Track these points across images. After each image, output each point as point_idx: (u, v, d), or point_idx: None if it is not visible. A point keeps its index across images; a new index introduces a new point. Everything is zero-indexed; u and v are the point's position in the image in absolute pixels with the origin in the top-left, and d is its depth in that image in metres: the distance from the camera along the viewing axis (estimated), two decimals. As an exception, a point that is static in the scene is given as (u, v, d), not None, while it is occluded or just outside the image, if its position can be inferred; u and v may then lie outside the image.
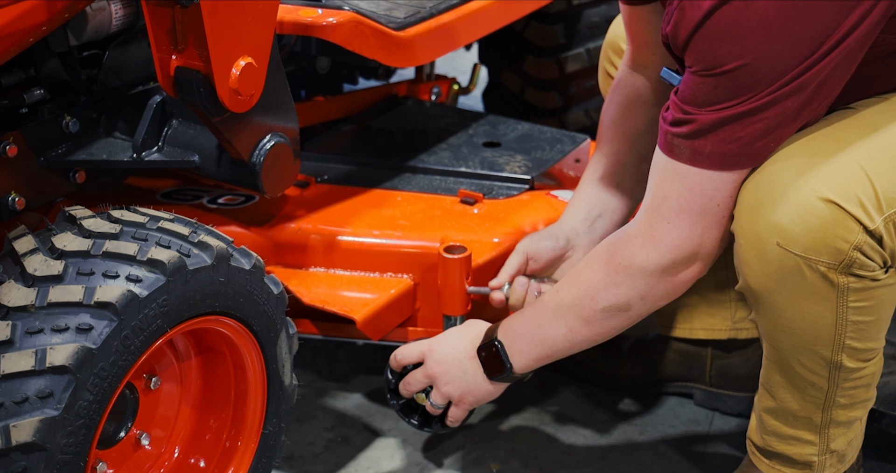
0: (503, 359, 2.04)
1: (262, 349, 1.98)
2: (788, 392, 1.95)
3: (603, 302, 1.93)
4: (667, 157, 1.83)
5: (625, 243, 1.90)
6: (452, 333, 2.14)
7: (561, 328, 1.98)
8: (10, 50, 1.87)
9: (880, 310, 1.84)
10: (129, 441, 1.96)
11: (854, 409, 1.96)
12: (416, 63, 2.62)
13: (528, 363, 2.04)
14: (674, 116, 1.80)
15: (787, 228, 1.77)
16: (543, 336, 2.01)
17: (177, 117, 2.15)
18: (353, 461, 2.35)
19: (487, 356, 2.06)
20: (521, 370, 2.06)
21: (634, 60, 2.19)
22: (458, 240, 2.28)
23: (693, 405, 2.52)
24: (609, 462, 2.37)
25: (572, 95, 3.08)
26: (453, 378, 2.09)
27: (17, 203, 2.05)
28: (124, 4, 2.07)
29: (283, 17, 2.30)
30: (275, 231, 2.33)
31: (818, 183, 1.76)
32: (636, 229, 1.89)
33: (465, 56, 3.84)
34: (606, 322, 1.95)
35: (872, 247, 1.76)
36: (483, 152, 2.60)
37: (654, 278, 1.88)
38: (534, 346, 2.02)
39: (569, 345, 2.00)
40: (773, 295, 1.84)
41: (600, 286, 1.92)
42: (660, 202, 1.85)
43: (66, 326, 1.67)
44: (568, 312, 1.97)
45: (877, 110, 1.86)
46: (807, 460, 2.00)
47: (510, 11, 2.74)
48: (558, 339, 2.00)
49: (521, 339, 2.03)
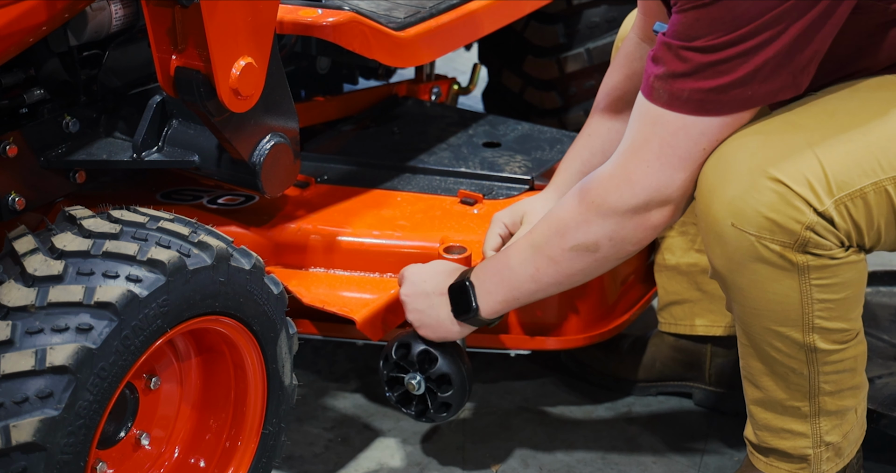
0: (470, 299, 2.05)
1: (262, 349, 1.98)
2: (771, 380, 1.96)
3: (572, 241, 1.93)
4: (648, 101, 1.85)
5: (599, 182, 1.90)
6: (432, 266, 2.15)
7: (528, 268, 1.98)
8: (10, 50, 1.87)
9: (847, 288, 1.86)
10: (129, 441, 1.96)
11: (842, 397, 1.97)
12: (416, 63, 2.63)
13: (494, 305, 2.04)
14: (655, 55, 1.83)
15: (739, 208, 1.80)
16: (511, 277, 2.01)
17: (177, 117, 2.15)
18: (353, 461, 2.35)
19: (456, 296, 2.07)
20: (487, 313, 2.06)
21: (644, 32, 2.21)
22: (458, 240, 2.28)
23: (693, 405, 2.52)
24: (609, 462, 2.37)
25: (572, 95, 3.08)
26: (418, 307, 2.11)
27: (17, 203, 2.05)
28: (124, 4, 2.07)
29: (283, 17, 2.30)
30: (275, 231, 2.33)
31: (770, 165, 1.79)
32: (611, 169, 1.89)
33: (465, 56, 3.84)
34: (573, 263, 1.94)
35: (825, 227, 1.79)
36: (483, 153, 2.60)
37: (625, 219, 1.88)
38: (501, 287, 2.02)
39: (535, 287, 2.00)
40: (737, 276, 1.86)
41: (571, 225, 1.93)
42: (639, 145, 1.86)
43: (66, 326, 1.67)
44: (536, 251, 1.97)
45: (837, 96, 1.89)
46: (802, 453, 2.01)
47: (510, 11, 2.74)
48: (525, 279, 1.99)
49: (490, 280, 2.04)
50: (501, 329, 2.37)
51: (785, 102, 1.88)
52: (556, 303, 2.36)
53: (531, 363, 2.63)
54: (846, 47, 1.87)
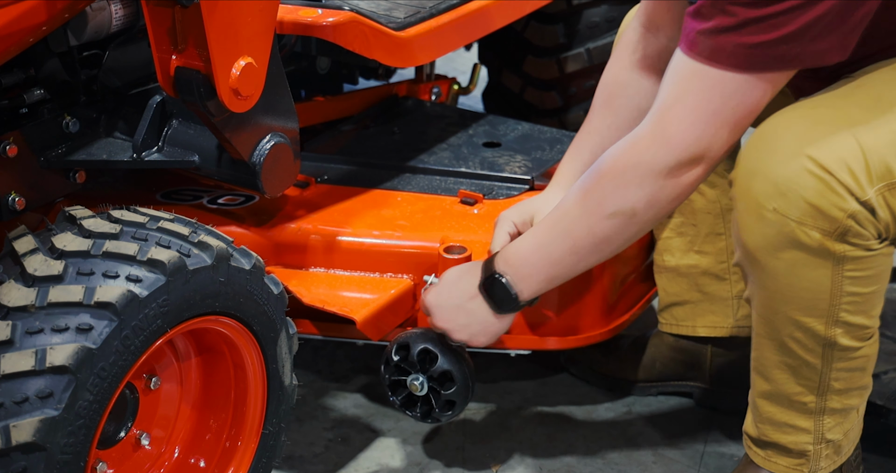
0: (508, 290, 2.03)
1: (262, 349, 1.98)
2: (782, 372, 1.95)
3: (609, 208, 1.91)
4: (687, 56, 1.82)
5: (631, 145, 1.89)
6: (446, 283, 2.12)
7: (566, 242, 1.96)
8: (10, 50, 1.87)
9: (875, 282, 1.87)
10: (129, 441, 1.96)
11: (850, 396, 1.97)
12: (416, 63, 2.63)
13: (534, 286, 2.02)
14: (698, 10, 1.79)
15: (782, 192, 1.79)
16: (549, 255, 1.98)
17: (177, 117, 2.15)
18: (353, 461, 2.35)
19: (491, 292, 2.05)
20: (528, 297, 2.04)
21: (650, 19, 2.16)
22: (458, 240, 2.28)
23: (693, 405, 2.52)
24: (609, 462, 2.37)
25: (572, 95, 3.08)
26: (461, 325, 2.09)
27: (17, 203, 2.05)
28: (124, 4, 2.07)
29: (283, 17, 2.30)
30: (275, 231, 2.33)
31: (814, 150, 1.77)
32: (644, 131, 1.88)
33: (465, 56, 3.84)
34: (611, 231, 1.93)
35: (866, 217, 1.79)
36: (483, 152, 2.60)
37: (661, 179, 1.86)
38: (539, 268, 2.00)
39: (575, 259, 1.97)
40: (770, 260, 1.85)
41: (606, 192, 1.91)
42: (673, 103, 1.84)
43: (66, 326, 1.67)
44: (572, 224, 1.95)
45: (884, 81, 1.88)
46: (802, 449, 2.01)
47: (510, 11, 2.74)
48: (564, 254, 1.97)
49: (525, 264, 2.01)
50: (501, 329, 2.38)
51: (828, 70, 1.85)
52: (557, 303, 2.36)
53: (531, 363, 2.63)
54: (891, 21, 1.85)
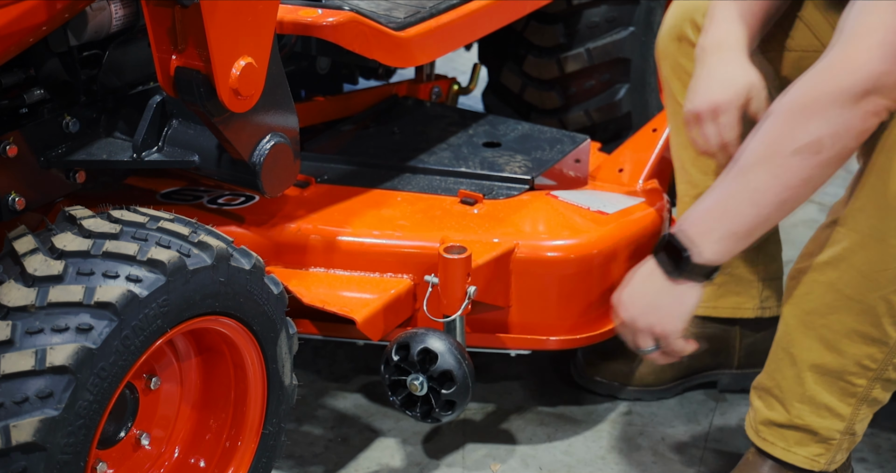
0: (679, 246, 1.92)
1: (262, 349, 1.98)
2: (852, 343, 1.96)
3: (795, 143, 1.85)
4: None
5: (814, 78, 1.86)
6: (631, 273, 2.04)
7: (745, 192, 1.88)
8: (10, 50, 1.87)
9: None
10: (129, 441, 1.96)
11: (889, 389, 2.00)
12: (416, 63, 2.63)
13: (715, 245, 1.90)
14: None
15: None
16: (727, 209, 1.90)
17: (177, 117, 2.15)
18: (353, 461, 2.35)
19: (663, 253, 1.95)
20: (709, 256, 1.91)
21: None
22: (458, 240, 2.28)
23: (693, 405, 2.52)
24: (609, 462, 2.37)
25: (572, 95, 3.08)
26: (642, 309, 1.99)
27: (17, 203, 2.05)
28: (124, 4, 2.07)
29: (283, 17, 2.30)
30: (275, 231, 2.33)
31: None
32: (827, 63, 1.86)
33: (465, 56, 3.85)
34: (796, 171, 1.86)
35: None
36: (483, 152, 2.60)
37: (848, 107, 1.83)
38: (716, 223, 1.90)
39: (755, 211, 1.88)
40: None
41: (791, 127, 1.86)
42: (858, 34, 1.83)
43: (66, 326, 1.67)
44: (753, 170, 1.88)
45: None
46: (829, 436, 2.03)
47: (510, 11, 2.74)
48: (744, 205, 1.89)
49: (701, 220, 1.92)
50: (501, 329, 2.38)
51: None
52: (557, 303, 2.36)
53: (531, 363, 2.63)
54: None
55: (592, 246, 2.36)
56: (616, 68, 3.03)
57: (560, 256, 2.34)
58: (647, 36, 3.04)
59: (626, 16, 2.98)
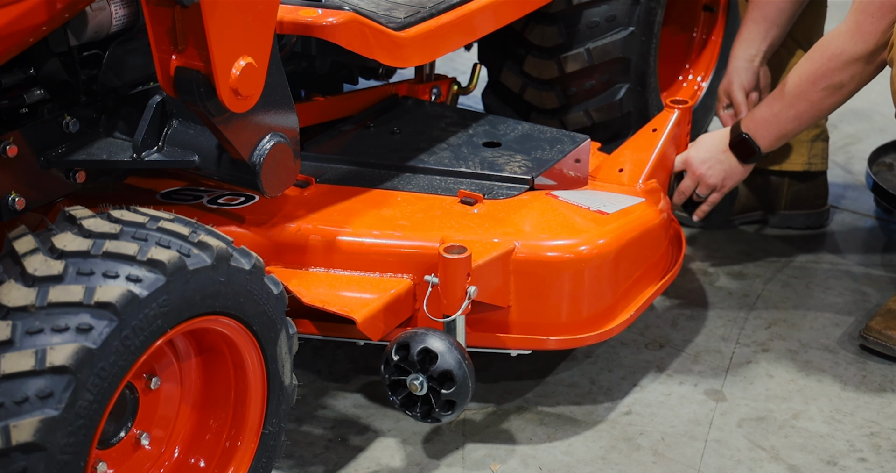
0: (752, 145, 2.76)
1: (262, 349, 1.98)
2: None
3: (822, 84, 2.61)
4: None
5: (836, 37, 2.56)
6: (702, 143, 2.81)
7: (791, 111, 2.68)
8: (10, 50, 1.87)
9: None
10: (129, 441, 1.96)
11: None
12: (416, 63, 2.62)
13: (767, 144, 2.75)
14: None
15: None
16: (778, 122, 2.72)
17: (177, 117, 2.16)
18: (353, 461, 2.35)
19: (739, 147, 2.78)
20: (766, 150, 2.77)
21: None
22: (458, 240, 2.28)
23: (693, 405, 2.52)
24: (609, 462, 2.37)
25: (572, 95, 3.08)
26: (716, 171, 2.80)
27: (17, 203, 2.05)
28: (124, 4, 2.07)
29: (283, 17, 2.30)
30: (275, 231, 2.33)
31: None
32: (845, 26, 2.53)
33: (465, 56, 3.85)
34: (825, 100, 2.64)
35: None
36: (483, 152, 2.60)
37: (862, 64, 2.54)
38: (771, 130, 2.73)
39: (798, 124, 2.71)
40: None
41: (818, 74, 2.60)
42: (867, 3, 2.45)
43: (66, 326, 1.67)
44: (795, 98, 2.67)
45: None
46: None
47: (510, 12, 2.74)
48: (790, 120, 2.71)
49: (762, 127, 2.74)
50: (501, 329, 2.38)
51: None
52: (557, 302, 2.36)
53: (531, 363, 2.63)
54: None
55: (592, 246, 2.36)
56: (616, 68, 3.03)
57: (560, 256, 2.34)
58: (647, 36, 3.04)
59: (626, 16, 2.98)
